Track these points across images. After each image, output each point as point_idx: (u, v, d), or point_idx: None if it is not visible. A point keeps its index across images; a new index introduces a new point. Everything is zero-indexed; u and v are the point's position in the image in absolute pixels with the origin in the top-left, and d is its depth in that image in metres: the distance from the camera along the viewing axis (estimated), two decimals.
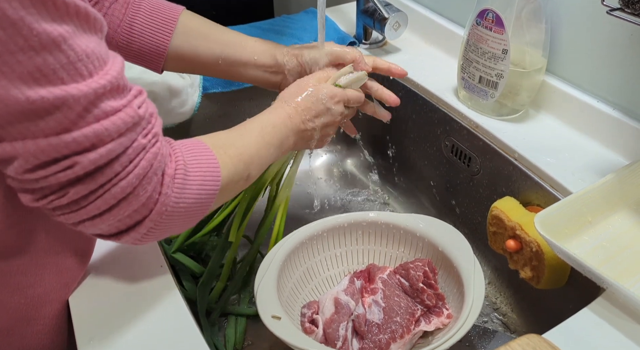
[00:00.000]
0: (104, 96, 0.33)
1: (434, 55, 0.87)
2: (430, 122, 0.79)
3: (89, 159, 0.33)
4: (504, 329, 0.69)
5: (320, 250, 0.65)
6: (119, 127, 0.34)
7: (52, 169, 0.33)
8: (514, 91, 0.68)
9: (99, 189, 0.35)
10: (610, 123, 0.64)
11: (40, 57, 0.30)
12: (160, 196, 0.38)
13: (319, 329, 0.57)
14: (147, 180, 0.37)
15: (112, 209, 0.36)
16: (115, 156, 0.35)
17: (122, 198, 0.36)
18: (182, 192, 0.40)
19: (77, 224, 0.37)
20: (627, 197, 0.56)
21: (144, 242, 0.41)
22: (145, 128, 0.37)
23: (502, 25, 0.64)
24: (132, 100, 0.36)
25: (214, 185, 0.43)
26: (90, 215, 0.36)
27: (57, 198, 0.35)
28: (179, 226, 0.42)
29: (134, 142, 0.36)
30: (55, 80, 0.31)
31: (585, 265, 0.46)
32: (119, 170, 0.35)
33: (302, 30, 0.91)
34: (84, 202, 0.35)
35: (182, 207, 0.40)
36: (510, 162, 0.66)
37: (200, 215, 0.43)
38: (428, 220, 0.64)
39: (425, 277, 0.60)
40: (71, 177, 0.34)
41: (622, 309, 0.45)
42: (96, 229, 0.38)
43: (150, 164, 0.37)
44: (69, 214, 0.36)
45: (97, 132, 0.33)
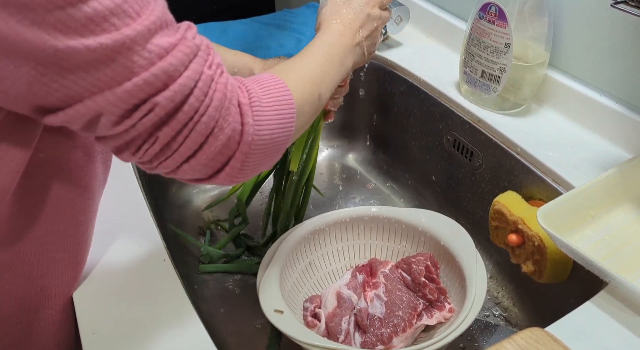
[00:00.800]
0: (157, 33, 0.34)
1: (436, 49, 0.87)
2: (432, 117, 0.79)
3: (165, 98, 0.34)
4: (506, 323, 0.69)
5: (322, 244, 0.66)
6: (182, 60, 0.34)
7: (136, 116, 0.34)
8: (516, 85, 0.68)
9: (184, 128, 0.36)
10: (613, 117, 0.63)
11: (89, 7, 0.30)
12: (243, 126, 0.38)
13: (321, 323, 0.57)
14: (226, 111, 0.37)
15: (203, 146, 0.37)
16: (189, 91, 0.35)
17: (209, 133, 0.37)
18: (262, 119, 0.40)
19: (177, 170, 0.38)
20: (630, 191, 0.56)
21: (241, 177, 0.41)
22: (207, 59, 0.37)
23: (504, 18, 0.63)
24: (185, 33, 0.36)
25: (290, 109, 0.42)
26: (185, 157, 0.37)
27: (150, 146, 0.36)
28: (269, 156, 0.42)
29: (201, 75, 0.36)
30: (109, 27, 0.31)
31: (588, 259, 0.46)
32: (197, 106, 0.36)
33: (304, 25, 0.91)
34: (175, 145, 0.36)
35: (266, 134, 0.40)
36: (512, 156, 0.66)
37: (286, 140, 0.43)
38: (430, 215, 0.64)
39: (427, 272, 0.60)
40: (155, 121, 0.35)
41: (624, 303, 0.45)
42: (196, 173, 0.38)
43: (224, 95, 0.37)
44: (165, 160, 0.37)
45: (164, 69, 0.33)
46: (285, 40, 0.87)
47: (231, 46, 0.84)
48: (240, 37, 0.87)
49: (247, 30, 0.89)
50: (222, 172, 0.39)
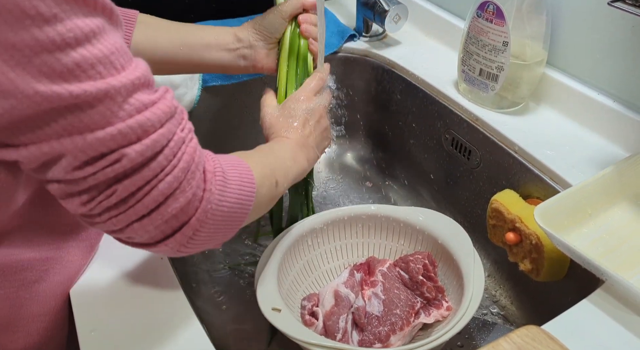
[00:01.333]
0: (140, 89, 0.34)
1: (434, 47, 0.87)
2: (430, 115, 0.79)
3: (136, 151, 0.34)
4: (503, 321, 0.69)
5: (320, 243, 0.66)
6: (160, 117, 0.35)
7: (100, 164, 0.33)
8: (514, 84, 0.68)
9: (146, 185, 0.35)
10: (611, 115, 0.63)
11: (77, 53, 0.30)
12: (204, 193, 0.38)
13: (319, 321, 0.57)
14: (191, 175, 0.37)
15: (160, 206, 0.36)
16: (160, 149, 0.35)
17: (170, 194, 0.36)
18: (224, 190, 0.40)
19: (125, 228, 0.36)
20: (627, 190, 0.56)
21: (189, 249, 0.40)
22: (181, 122, 0.37)
23: (502, 17, 0.63)
24: (165, 94, 0.36)
25: (251, 187, 0.43)
26: (138, 215, 0.36)
27: (105, 198, 0.35)
28: (221, 231, 0.41)
29: (174, 135, 0.36)
30: (95, 74, 0.31)
31: (585, 257, 0.46)
32: (165, 164, 0.35)
33: None
34: (132, 201, 0.35)
35: (225, 206, 0.40)
36: (510, 155, 0.66)
37: (241, 219, 0.43)
38: (428, 213, 0.65)
39: (425, 270, 0.60)
40: (119, 172, 0.34)
41: (621, 301, 0.46)
42: (144, 234, 0.37)
43: (192, 158, 0.37)
44: (117, 216, 0.35)
45: (140, 123, 0.34)
46: None
47: None
48: None
49: None
50: (172, 238, 0.38)
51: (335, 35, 0.88)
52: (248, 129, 0.90)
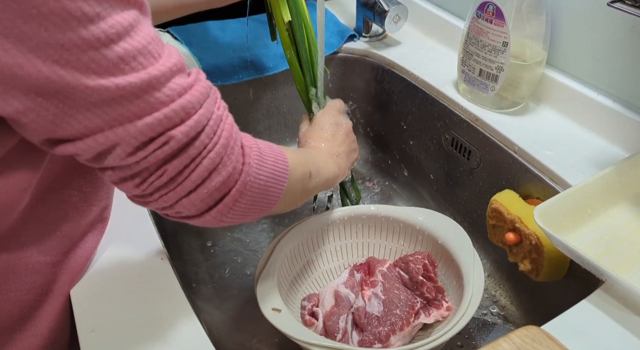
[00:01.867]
0: (177, 74, 0.36)
1: (434, 48, 0.87)
2: (430, 116, 0.79)
3: (181, 132, 0.36)
4: (503, 322, 0.69)
5: (320, 243, 0.66)
6: (199, 98, 0.37)
7: (151, 148, 0.35)
8: (514, 84, 0.68)
9: (192, 162, 0.37)
10: (611, 116, 0.64)
11: (120, 47, 0.32)
12: (244, 166, 0.40)
13: (319, 321, 0.57)
14: (231, 150, 0.39)
15: (205, 181, 0.38)
16: (201, 128, 0.37)
17: (213, 169, 0.38)
18: (261, 163, 0.42)
19: (175, 204, 0.39)
20: (627, 190, 0.56)
21: (229, 219, 0.42)
22: (216, 101, 0.39)
23: (502, 17, 0.63)
24: (199, 76, 0.38)
25: (285, 165, 0.45)
26: (186, 191, 0.38)
27: (156, 178, 0.37)
28: (258, 204, 0.43)
29: (212, 114, 0.38)
30: (137, 66, 0.33)
31: (585, 258, 0.46)
32: (207, 142, 0.37)
33: None
34: (180, 178, 0.37)
35: (262, 179, 0.42)
36: (510, 155, 0.66)
37: (277, 195, 0.45)
38: (428, 214, 0.65)
39: (425, 270, 0.60)
40: (167, 153, 0.36)
41: (620, 301, 0.46)
42: (192, 208, 0.39)
43: (230, 134, 0.39)
44: (167, 194, 0.38)
45: (183, 106, 0.35)
46: None
47: (229, 44, 0.85)
48: (239, 35, 0.88)
49: (245, 29, 0.89)
50: (214, 209, 0.40)
51: (335, 36, 0.88)
52: (249, 129, 0.90)
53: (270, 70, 0.83)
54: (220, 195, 0.40)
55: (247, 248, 0.79)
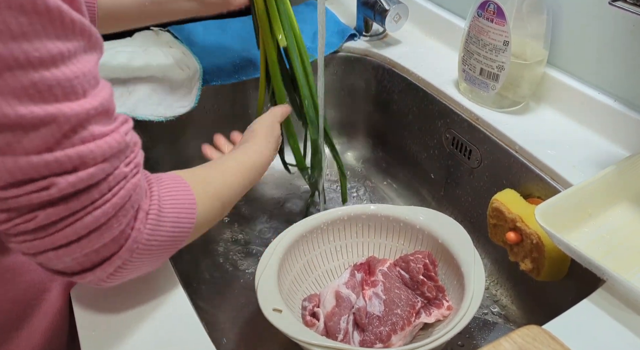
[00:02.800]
0: (94, 118, 0.32)
1: (435, 47, 0.87)
2: (430, 115, 0.79)
3: (68, 182, 0.32)
4: (504, 321, 0.69)
5: (320, 243, 0.66)
6: (105, 151, 0.33)
7: (27, 189, 0.31)
8: (515, 83, 0.68)
9: (71, 216, 0.33)
10: (612, 115, 0.63)
11: (38, 74, 0.29)
12: (132, 231, 0.36)
13: (320, 322, 0.57)
14: (124, 213, 0.35)
15: (81, 239, 0.34)
16: (95, 182, 0.33)
17: (94, 228, 0.34)
18: (156, 229, 0.38)
19: (39, 254, 0.34)
20: (628, 189, 0.56)
21: (109, 282, 0.38)
22: (129, 157, 0.36)
23: (503, 16, 0.63)
24: (120, 127, 0.35)
25: (189, 223, 0.41)
26: (55, 245, 0.33)
27: (23, 222, 0.32)
28: (148, 264, 0.40)
29: (115, 170, 0.34)
30: (49, 97, 0.30)
31: (586, 257, 0.46)
32: (96, 198, 0.33)
33: (302, 22, 0.91)
34: (52, 229, 0.33)
35: (154, 245, 0.38)
36: (510, 154, 0.66)
37: (172, 251, 0.42)
38: (428, 213, 0.64)
39: (426, 270, 0.60)
40: (44, 200, 0.32)
41: (621, 301, 0.46)
42: (59, 263, 0.35)
43: (129, 195, 0.35)
44: (32, 241, 0.33)
45: (81, 154, 0.32)
46: None
47: (230, 44, 0.85)
48: (239, 34, 0.87)
49: (245, 28, 0.89)
50: (91, 272, 0.36)
51: (335, 35, 0.88)
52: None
53: None
54: (99, 259, 0.36)
55: (247, 248, 0.79)
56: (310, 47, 0.85)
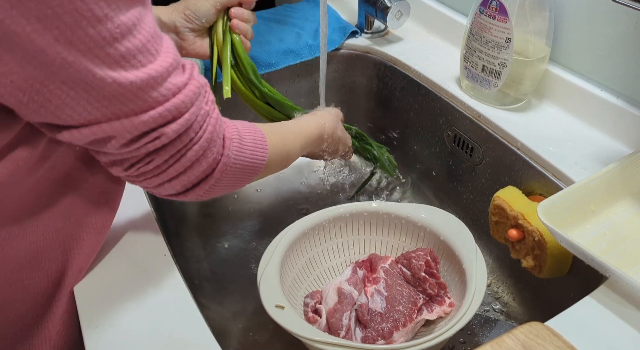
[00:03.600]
0: (173, 73, 0.37)
1: (437, 44, 0.86)
2: (432, 112, 0.79)
3: (173, 130, 0.38)
4: (506, 318, 0.69)
5: (322, 240, 0.66)
6: (191, 98, 0.39)
7: (143, 141, 0.38)
8: (517, 80, 0.68)
9: (177, 153, 0.40)
10: (614, 112, 0.63)
11: (123, 46, 0.33)
12: (222, 157, 0.44)
13: (322, 318, 0.57)
14: (213, 143, 0.42)
15: (187, 170, 0.42)
16: (190, 124, 0.39)
17: (195, 160, 0.41)
18: (239, 154, 0.46)
19: (157, 187, 0.42)
20: (630, 186, 0.56)
21: (207, 196, 0.46)
22: (206, 96, 0.41)
23: (505, 13, 0.63)
24: (192, 73, 0.40)
25: (264, 153, 0.49)
26: (169, 177, 0.41)
27: (143, 165, 0.40)
28: (234, 184, 0.48)
29: (201, 110, 0.40)
30: (137, 64, 0.34)
31: (588, 254, 0.46)
32: (192, 136, 0.40)
33: (304, 20, 0.91)
34: (166, 167, 0.40)
35: (238, 167, 0.46)
36: (512, 151, 0.66)
37: (252, 176, 0.49)
38: (430, 210, 0.64)
39: (427, 267, 0.60)
40: (157, 146, 0.39)
41: (624, 297, 0.46)
42: (171, 189, 0.43)
43: (214, 128, 0.42)
44: (151, 178, 0.41)
45: (176, 106, 0.38)
46: (285, 35, 0.87)
47: None
48: None
49: None
50: (192, 191, 0.44)
51: (337, 32, 0.88)
52: None
53: (271, 67, 0.83)
54: (199, 180, 0.43)
55: (249, 245, 0.79)
56: (312, 44, 0.85)
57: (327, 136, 0.65)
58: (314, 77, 0.88)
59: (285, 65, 0.84)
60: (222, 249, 0.78)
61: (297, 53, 0.84)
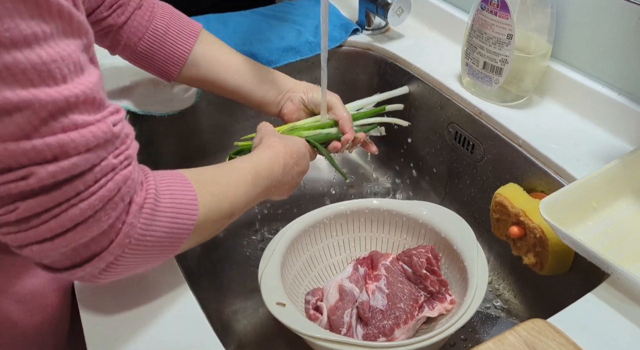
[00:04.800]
0: (77, 107, 0.31)
1: (438, 41, 0.86)
2: (433, 109, 0.79)
3: (48, 171, 0.30)
4: (507, 315, 0.69)
5: (323, 237, 0.65)
6: (88, 141, 0.31)
7: (5, 178, 0.30)
8: (518, 77, 0.68)
9: (55, 207, 0.32)
10: (616, 109, 0.63)
11: (10, 55, 0.28)
12: (124, 226, 0.35)
13: (323, 315, 0.57)
14: (112, 205, 0.34)
15: (67, 233, 0.33)
16: (79, 172, 0.32)
17: (80, 221, 0.33)
18: (151, 224, 0.37)
19: (23, 247, 0.33)
20: (632, 183, 0.56)
21: (101, 280, 0.37)
22: (119, 148, 0.34)
23: (507, 10, 0.63)
24: (108, 117, 0.33)
25: (188, 221, 0.40)
26: (40, 238, 0.32)
27: (5, 213, 0.31)
28: (145, 263, 0.39)
29: (102, 161, 0.33)
30: (24, 81, 0.29)
31: (590, 251, 0.46)
32: (81, 189, 0.32)
33: (304, 16, 0.91)
34: (35, 221, 0.32)
35: (149, 241, 0.37)
36: (514, 148, 0.66)
37: (171, 251, 0.41)
38: (431, 207, 0.64)
39: (428, 264, 0.60)
40: (24, 190, 0.31)
41: (627, 294, 0.45)
42: (45, 257, 0.34)
43: (117, 187, 0.34)
44: (16, 233, 0.32)
45: (61, 143, 0.30)
46: (285, 32, 0.87)
47: (231, 38, 0.84)
48: (240, 29, 0.87)
49: (247, 22, 0.88)
50: (81, 268, 0.35)
51: (338, 29, 0.88)
52: (249, 124, 0.90)
53: (272, 64, 0.83)
54: (89, 253, 0.34)
55: (250, 242, 0.79)
56: (313, 41, 0.85)
57: (280, 177, 0.55)
58: (315, 74, 0.88)
59: (286, 62, 0.84)
60: (223, 246, 0.78)
61: (298, 50, 0.84)
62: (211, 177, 0.45)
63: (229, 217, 0.46)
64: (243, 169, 0.50)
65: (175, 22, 0.63)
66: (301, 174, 0.61)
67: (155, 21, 0.61)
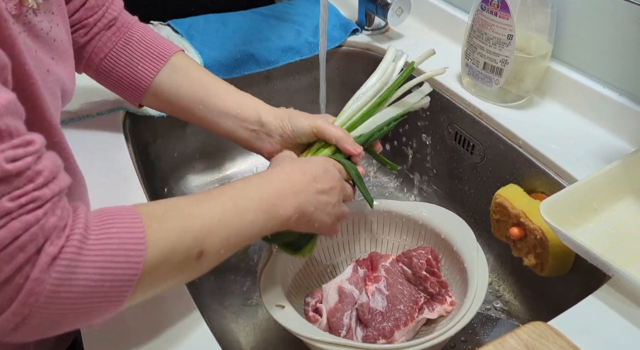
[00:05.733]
0: None
1: (438, 41, 0.86)
2: (433, 110, 0.78)
3: None
4: (507, 317, 0.69)
5: (322, 238, 0.65)
6: None
7: None
8: (518, 77, 0.68)
9: None
10: (616, 109, 0.63)
11: None
12: (27, 282, 0.29)
13: (322, 317, 0.57)
14: (6, 258, 0.28)
15: None
16: None
17: None
18: (69, 279, 0.31)
19: None
20: (633, 184, 0.55)
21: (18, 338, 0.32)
22: (19, 189, 0.29)
23: (507, 10, 0.63)
24: (6, 150, 0.28)
25: (130, 269, 0.33)
26: None
27: None
28: (75, 320, 0.33)
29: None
30: None
31: (591, 252, 0.46)
32: None
33: (303, 16, 0.90)
34: None
35: (68, 299, 0.31)
36: (514, 149, 0.66)
37: (114, 305, 0.34)
38: (431, 208, 0.64)
39: (428, 265, 0.60)
40: None
41: (628, 296, 0.45)
42: None
43: (13, 236, 0.28)
44: None
45: None
46: (285, 32, 0.87)
47: (230, 38, 0.84)
48: (240, 29, 0.87)
49: (246, 22, 0.88)
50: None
51: (337, 29, 0.87)
52: None
53: (271, 64, 0.83)
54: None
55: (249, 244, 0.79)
56: (312, 41, 0.85)
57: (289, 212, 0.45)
58: (314, 74, 0.88)
59: (285, 62, 0.83)
60: None
61: (297, 50, 0.84)
62: (170, 208, 0.38)
63: (198, 257, 0.38)
64: (221, 194, 0.41)
65: (142, 46, 0.58)
66: (330, 192, 0.49)
67: (119, 44, 0.57)
